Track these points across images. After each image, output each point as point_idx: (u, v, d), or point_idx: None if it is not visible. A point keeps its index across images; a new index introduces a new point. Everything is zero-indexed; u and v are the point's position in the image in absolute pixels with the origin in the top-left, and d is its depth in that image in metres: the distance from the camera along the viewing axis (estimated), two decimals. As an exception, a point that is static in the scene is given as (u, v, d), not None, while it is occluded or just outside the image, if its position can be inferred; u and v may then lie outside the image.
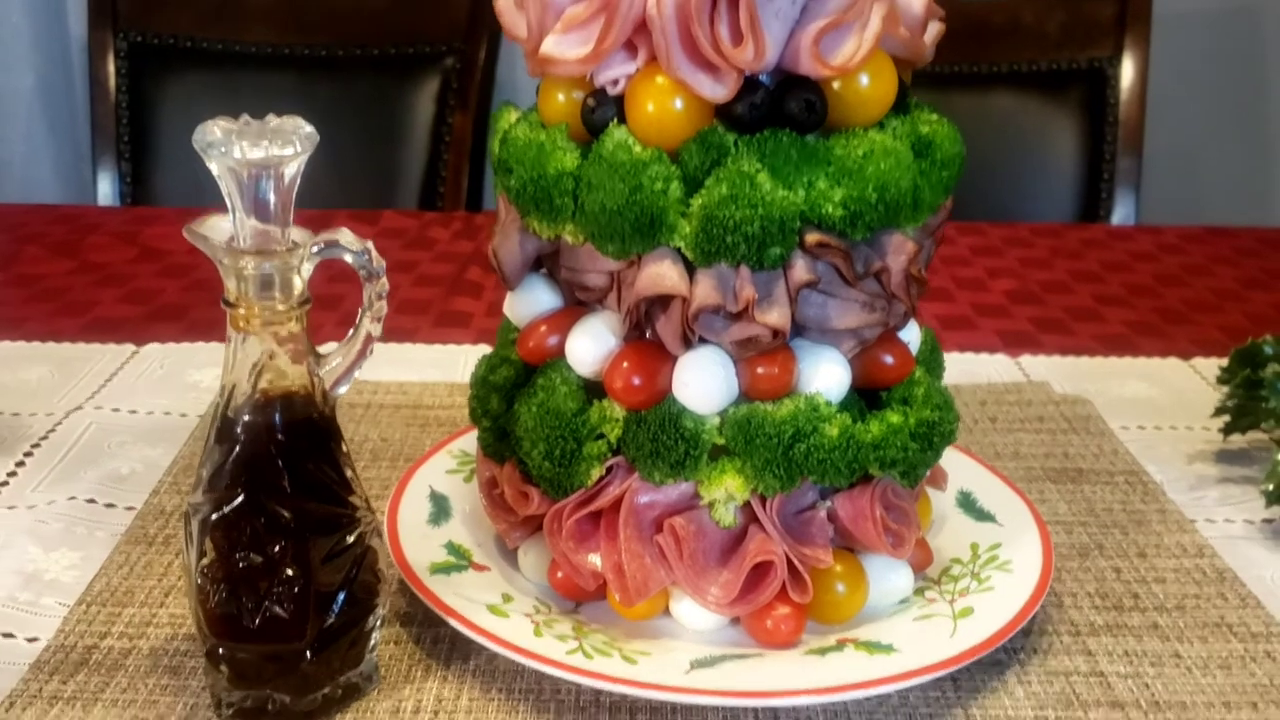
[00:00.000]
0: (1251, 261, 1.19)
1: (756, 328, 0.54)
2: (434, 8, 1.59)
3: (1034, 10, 1.57)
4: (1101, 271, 1.15)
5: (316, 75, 1.59)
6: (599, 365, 0.58)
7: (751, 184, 0.52)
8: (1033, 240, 1.23)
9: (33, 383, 0.87)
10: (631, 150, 0.53)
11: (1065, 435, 0.82)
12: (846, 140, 0.54)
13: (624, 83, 0.55)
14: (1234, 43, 1.85)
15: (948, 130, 0.58)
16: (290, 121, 0.49)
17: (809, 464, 0.55)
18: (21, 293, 1.04)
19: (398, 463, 0.77)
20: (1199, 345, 0.99)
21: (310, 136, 0.49)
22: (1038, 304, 1.07)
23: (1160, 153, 1.66)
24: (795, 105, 0.54)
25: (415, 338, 0.98)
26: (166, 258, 1.13)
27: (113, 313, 1.01)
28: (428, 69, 1.58)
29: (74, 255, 1.12)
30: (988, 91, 1.56)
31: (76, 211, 1.28)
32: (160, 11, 1.59)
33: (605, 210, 0.53)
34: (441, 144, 1.58)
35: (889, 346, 0.58)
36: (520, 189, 0.56)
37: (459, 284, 1.09)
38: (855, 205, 0.53)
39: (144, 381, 0.88)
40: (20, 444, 0.78)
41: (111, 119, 1.57)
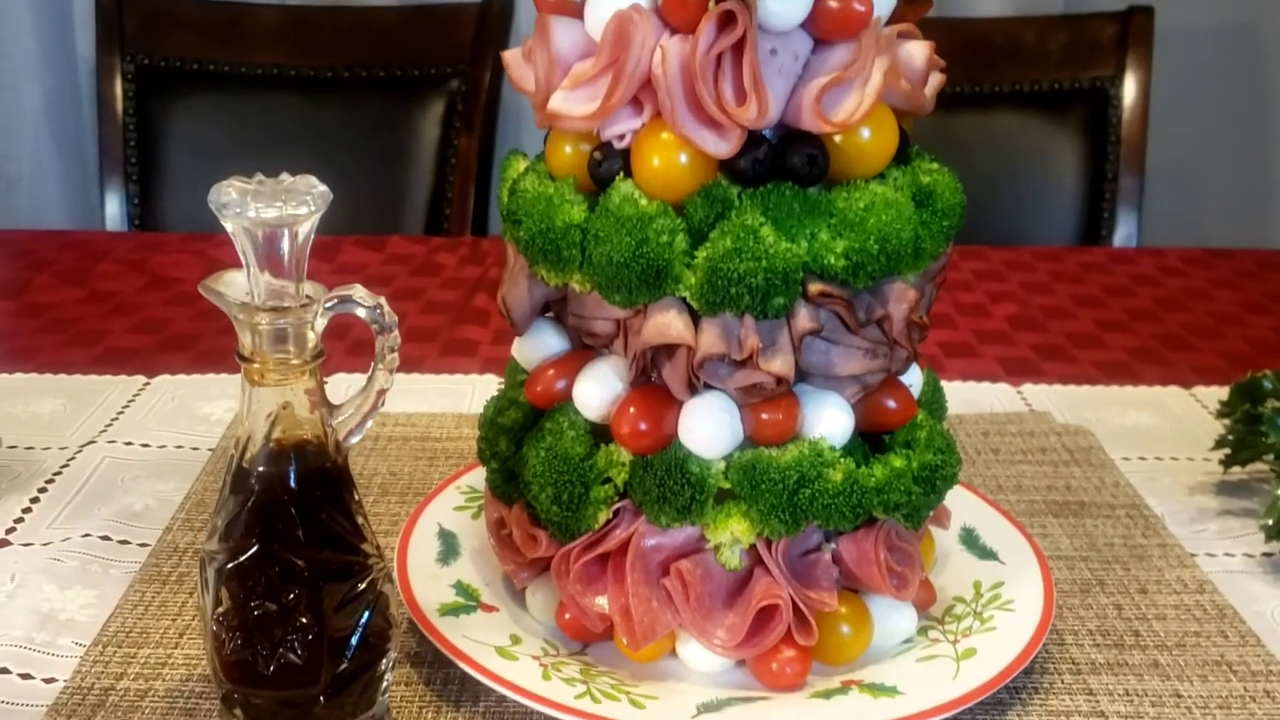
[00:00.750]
0: (1252, 284, 1.20)
1: (761, 375, 0.55)
2: (439, 30, 1.60)
3: (1036, 30, 1.58)
4: (1103, 296, 1.16)
5: (322, 97, 1.60)
6: (606, 410, 0.59)
7: (755, 237, 0.53)
8: (1034, 264, 1.24)
9: (46, 416, 0.88)
10: (637, 203, 0.54)
11: (1067, 467, 0.83)
12: (848, 192, 0.55)
13: (630, 137, 0.56)
14: (1235, 58, 1.86)
15: (948, 180, 0.59)
16: (304, 180, 0.50)
17: (814, 509, 0.56)
18: (33, 323, 1.05)
19: (406, 497, 0.78)
20: (1200, 373, 1.00)
21: (324, 195, 0.50)
22: (1039, 330, 1.08)
23: (1162, 168, 1.67)
24: (798, 159, 0.55)
25: (422, 367, 0.99)
26: (175, 285, 1.14)
27: (123, 343, 1.02)
28: (433, 91, 1.59)
29: (83, 284, 1.13)
30: (990, 111, 1.57)
31: (85, 237, 1.29)
32: (167, 34, 1.60)
33: (612, 262, 0.54)
34: (447, 166, 1.59)
35: (891, 391, 0.59)
36: (529, 240, 0.57)
37: (466, 311, 1.10)
38: (857, 256, 0.54)
39: (155, 414, 0.89)
40: (35, 479, 0.79)
41: (119, 140, 1.58)
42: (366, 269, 1.21)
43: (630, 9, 0.53)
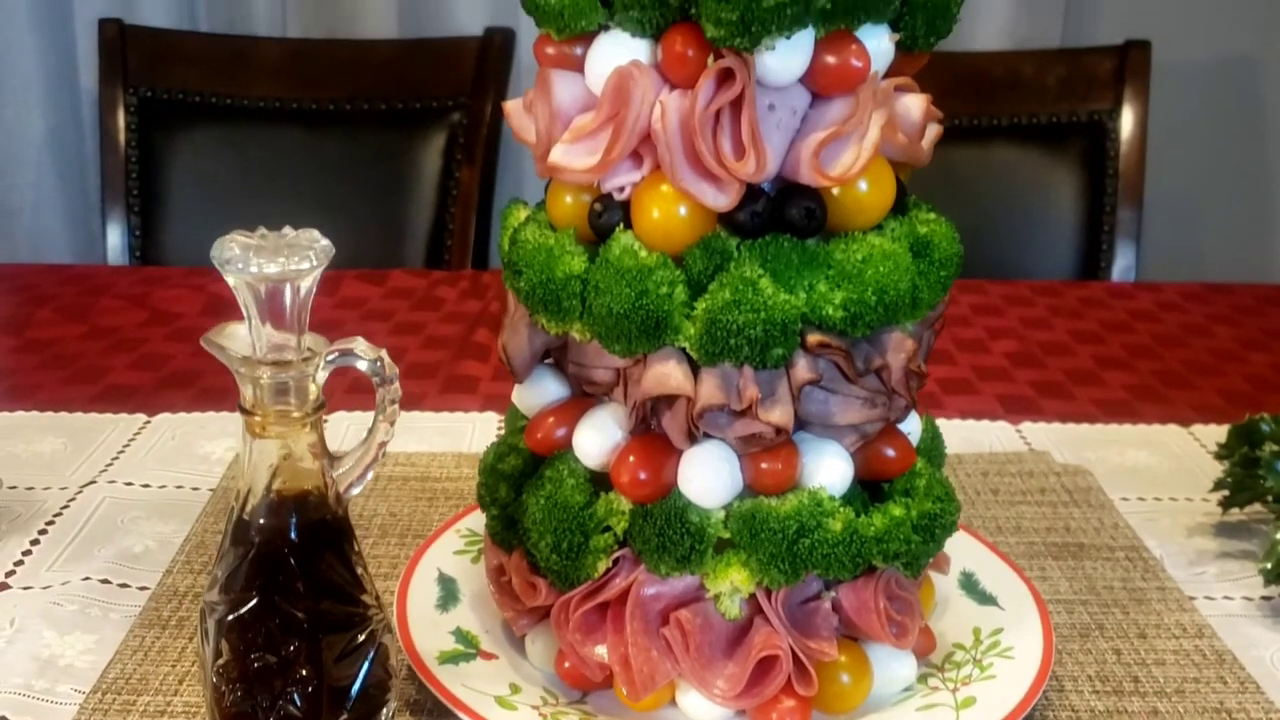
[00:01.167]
0: (1251, 320, 1.20)
1: (760, 425, 0.55)
2: (441, 63, 1.61)
3: (1034, 63, 1.59)
4: (1102, 331, 1.17)
5: (324, 130, 1.61)
6: (606, 458, 0.59)
7: (754, 289, 0.53)
8: (1033, 299, 1.24)
9: (46, 455, 0.88)
10: (637, 255, 0.55)
11: (1066, 508, 0.83)
12: (846, 244, 0.55)
13: (630, 189, 0.56)
14: (1232, 91, 1.86)
15: (945, 230, 0.59)
16: (306, 235, 0.51)
17: (813, 558, 0.56)
18: (34, 359, 1.06)
19: (406, 539, 0.78)
20: (1199, 411, 1.00)
21: (326, 250, 0.50)
22: (1038, 367, 1.08)
23: (1160, 200, 1.68)
24: (796, 212, 0.55)
25: (423, 404, 0.99)
26: (176, 321, 1.15)
27: (124, 380, 1.02)
28: (435, 124, 1.60)
29: (84, 319, 1.14)
30: (988, 144, 1.57)
31: (86, 271, 1.29)
32: (169, 67, 1.61)
33: (612, 313, 0.54)
34: (448, 198, 1.60)
35: (890, 440, 0.60)
36: (529, 291, 0.57)
37: (466, 346, 1.11)
38: (855, 307, 0.55)
39: (156, 453, 0.89)
40: (35, 521, 0.79)
41: (121, 172, 1.59)
42: (367, 303, 1.22)
43: (630, 65, 0.53)
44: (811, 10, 0.51)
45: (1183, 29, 1.79)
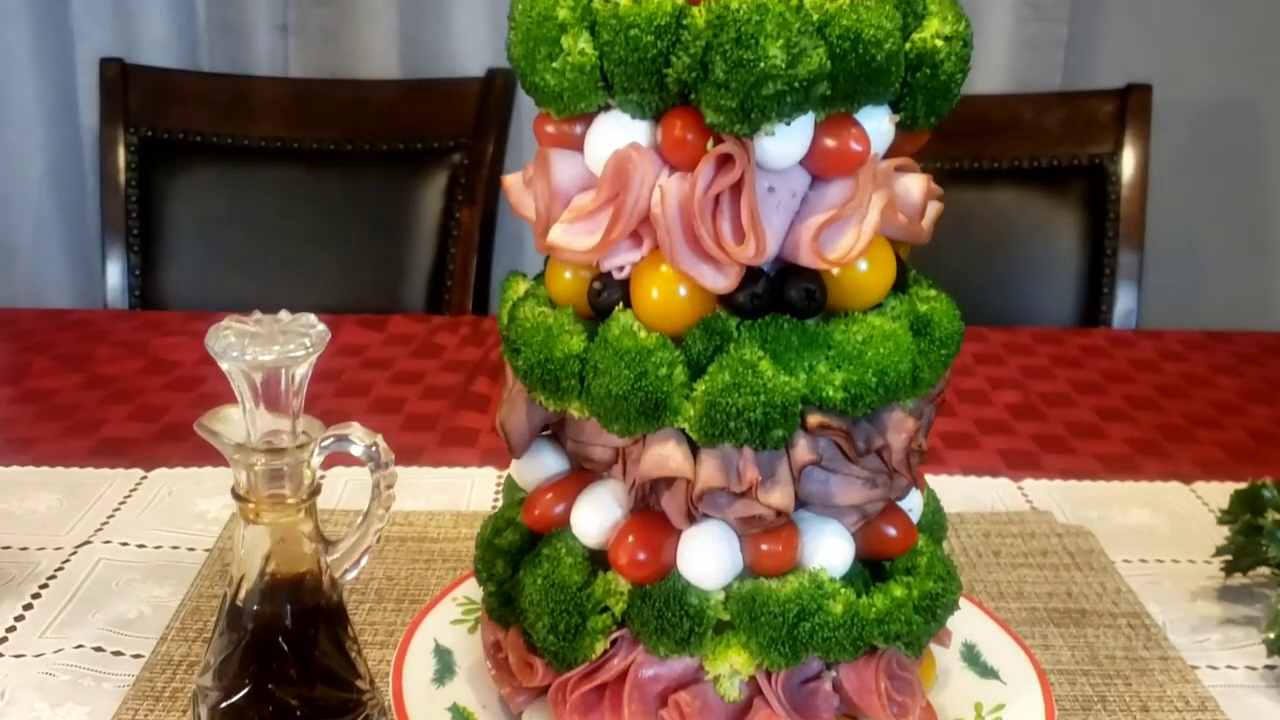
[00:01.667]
0: (1252, 370, 1.20)
1: (760, 508, 0.55)
2: (442, 104, 1.62)
3: (1035, 106, 1.60)
4: (1103, 382, 1.16)
5: (325, 170, 1.61)
6: (604, 537, 0.58)
7: (754, 371, 0.53)
8: (1034, 347, 1.24)
9: (41, 512, 0.88)
10: (636, 336, 0.54)
11: (1068, 571, 0.82)
12: (846, 325, 0.55)
13: (629, 268, 0.56)
14: (1233, 131, 1.87)
15: (945, 307, 0.59)
16: (302, 320, 0.50)
17: (814, 641, 0.56)
18: (30, 410, 1.05)
19: (402, 605, 0.77)
20: (1201, 466, 0.99)
21: (321, 335, 0.50)
22: (1039, 419, 1.08)
23: (1161, 241, 1.68)
24: (795, 294, 0.55)
25: (421, 458, 0.98)
26: (174, 369, 1.14)
27: (121, 432, 1.02)
28: (436, 164, 1.60)
29: (82, 368, 1.13)
30: (989, 187, 1.58)
31: (85, 317, 1.29)
32: (170, 106, 1.61)
33: (611, 395, 0.54)
34: (449, 238, 1.59)
35: (892, 518, 0.59)
36: (528, 370, 0.56)
37: (466, 397, 1.10)
38: (856, 389, 0.54)
39: (152, 511, 0.88)
40: (29, 584, 0.78)
41: (121, 211, 1.59)
42: (367, 350, 1.21)
43: (629, 147, 0.53)
44: (811, 97, 0.50)
45: (1183, 70, 1.79)
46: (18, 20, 1.74)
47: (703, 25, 0.50)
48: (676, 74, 0.51)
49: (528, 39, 0.54)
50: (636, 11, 0.51)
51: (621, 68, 0.52)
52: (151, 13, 1.74)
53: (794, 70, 0.49)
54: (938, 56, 0.54)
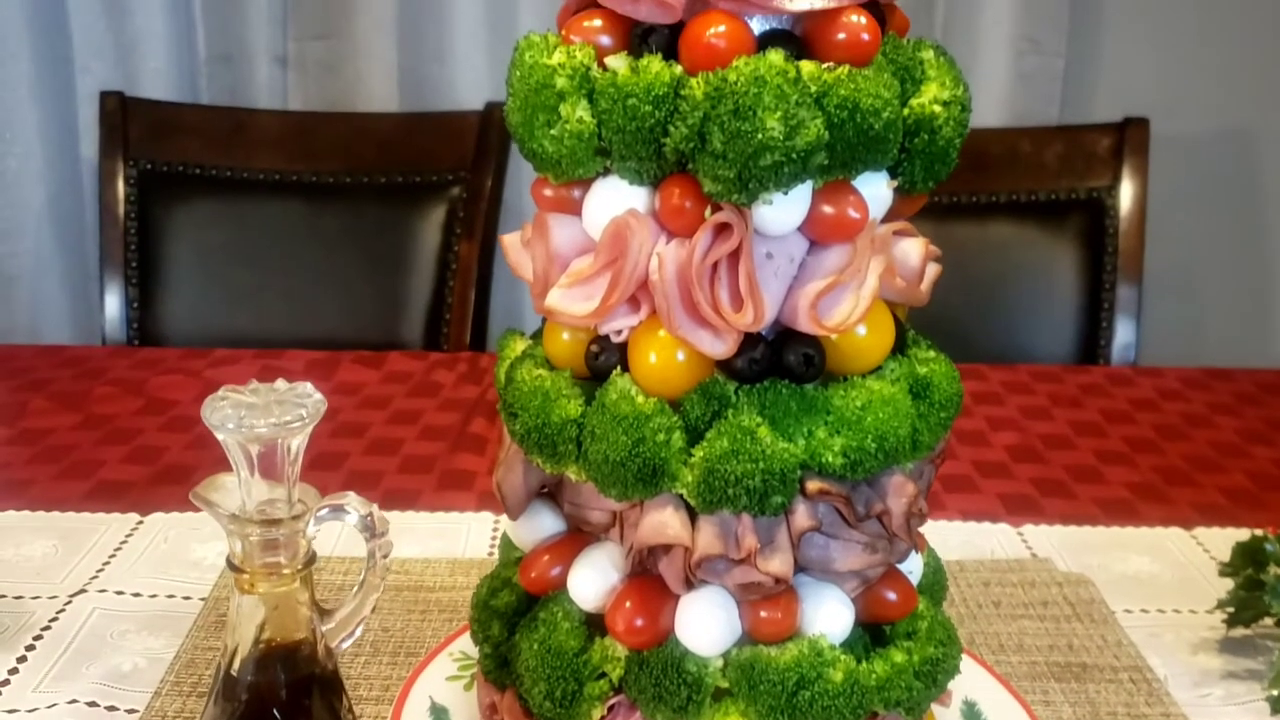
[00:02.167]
0: (1251, 410, 1.20)
1: (759, 575, 0.55)
2: (441, 137, 1.62)
3: (1033, 140, 1.60)
4: (1102, 422, 1.16)
5: (324, 202, 1.61)
6: (601, 601, 0.58)
7: (752, 438, 0.53)
8: (1033, 385, 1.24)
9: (37, 559, 0.87)
10: (634, 400, 0.54)
11: (1069, 623, 0.82)
12: (845, 390, 0.55)
13: (627, 332, 0.56)
14: (1230, 162, 1.87)
15: (945, 369, 0.58)
16: (298, 389, 0.50)
17: (814, 710, 0.55)
18: (27, 451, 1.05)
19: (398, 658, 0.77)
20: (1200, 511, 0.99)
21: (318, 404, 0.50)
22: (1039, 462, 1.08)
23: (1160, 271, 1.68)
24: (794, 359, 0.54)
25: (418, 502, 0.98)
26: (172, 409, 1.14)
27: (118, 475, 1.01)
28: (435, 197, 1.60)
29: (79, 407, 1.13)
30: (987, 220, 1.58)
31: (83, 354, 1.29)
32: (170, 139, 1.61)
33: (608, 460, 0.54)
34: (448, 271, 1.59)
35: (892, 583, 0.59)
36: (525, 434, 0.56)
37: (462, 438, 1.10)
38: (855, 454, 0.54)
39: (148, 558, 0.88)
40: (24, 635, 0.78)
41: (120, 244, 1.59)
42: (364, 388, 1.21)
43: (627, 214, 0.53)
44: (809, 167, 0.50)
45: (1180, 102, 1.80)
46: (20, 53, 1.74)
47: (700, 97, 0.50)
48: (674, 143, 0.51)
49: (526, 106, 0.53)
50: (634, 81, 0.51)
51: (619, 136, 0.52)
52: (152, 46, 1.74)
53: (791, 141, 0.49)
54: (936, 122, 0.54)
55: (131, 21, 1.74)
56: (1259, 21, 1.80)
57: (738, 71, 0.49)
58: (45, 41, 1.76)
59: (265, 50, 1.77)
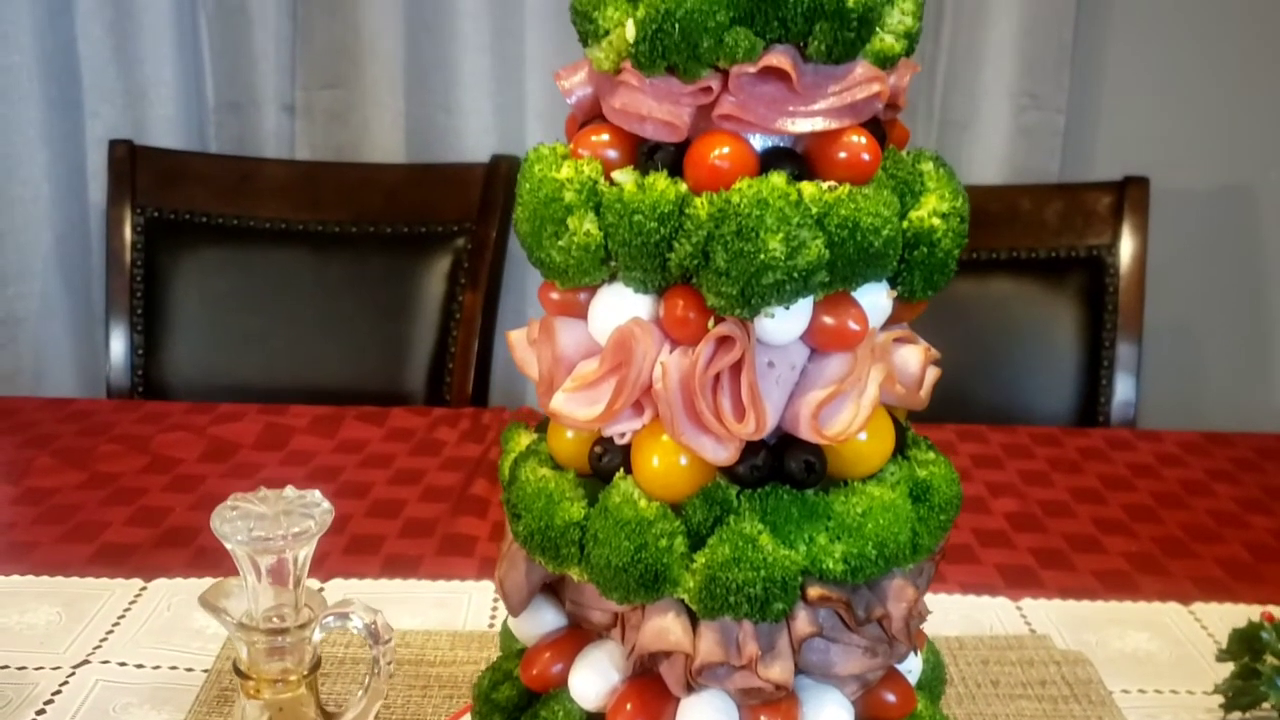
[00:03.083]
0: (1250, 476, 1.20)
1: (760, 681, 0.55)
2: (447, 188, 1.63)
3: (1033, 198, 1.61)
4: (1102, 489, 1.16)
5: (330, 251, 1.63)
6: (602, 701, 0.58)
7: (754, 546, 0.53)
8: (1033, 449, 1.25)
9: (40, 627, 0.88)
10: (637, 505, 0.55)
11: (1067, 703, 0.82)
12: (846, 496, 0.56)
13: (630, 434, 0.56)
14: (1230, 219, 1.88)
15: (944, 471, 0.59)
16: (307, 499, 0.51)
17: (811, 812, 0.56)
18: (32, 511, 1.06)
19: (400, 736, 0.77)
20: (1199, 585, 0.99)
21: (325, 514, 0.51)
22: (1039, 531, 1.08)
23: (1160, 327, 1.69)
24: (795, 465, 0.55)
25: (419, 569, 0.98)
26: (176, 467, 1.15)
27: (122, 537, 1.02)
28: (440, 248, 1.62)
29: (84, 465, 1.14)
30: (988, 277, 1.59)
31: (88, 408, 1.30)
32: (178, 187, 1.63)
33: (610, 565, 0.54)
34: (452, 320, 1.60)
35: (891, 684, 0.59)
36: (528, 536, 0.57)
37: (464, 500, 1.10)
38: (856, 560, 0.55)
39: (150, 627, 0.88)
40: (26, 708, 0.78)
41: (126, 291, 1.60)
42: (367, 446, 1.22)
43: (632, 323, 0.54)
44: (810, 285, 0.51)
45: (1180, 157, 1.81)
46: (30, 98, 1.75)
47: (705, 217, 0.51)
48: (679, 259, 0.52)
49: (534, 217, 0.55)
50: (641, 198, 0.52)
51: (625, 249, 0.53)
52: (161, 93, 1.76)
53: (793, 261, 0.50)
54: (935, 235, 0.55)
55: (141, 68, 1.76)
56: (1260, 77, 1.82)
57: (741, 193, 0.50)
58: (56, 86, 1.77)
59: (273, 98, 1.78)
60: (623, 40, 0.52)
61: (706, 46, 0.50)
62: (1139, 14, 1.81)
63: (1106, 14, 1.81)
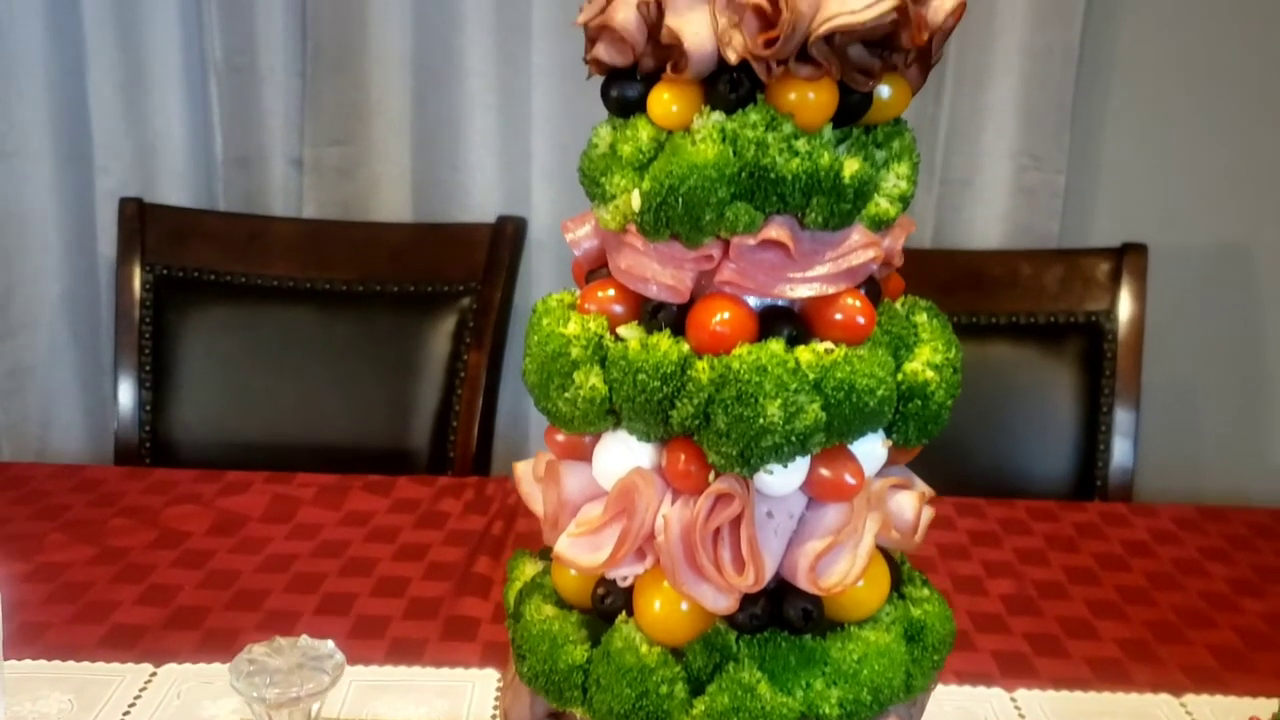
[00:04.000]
0: (1243, 555, 1.22)
1: (755, 818, 0.57)
2: (453, 248, 1.65)
3: (1032, 263, 1.63)
4: (1096, 569, 1.18)
5: (337, 309, 1.65)
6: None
7: (753, 695, 0.55)
8: (1030, 525, 1.26)
9: (53, 716, 0.89)
10: (639, 651, 0.57)
11: (1058, 805, 0.84)
12: (842, 643, 0.57)
13: (633, 578, 0.58)
14: (1228, 277, 1.90)
15: (938, 609, 0.61)
16: (321, 650, 0.52)
17: None
18: (44, 589, 1.07)
19: (405, 838, 0.79)
20: (1190, 675, 1.01)
21: (339, 665, 0.52)
22: (1034, 614, 1.10)
23: (1158, 385, 1.71)
24: (794, 613, 0.57)
25: (423, 655, 1.00)
26: (184, 541, 1.16)
27: (132, 617, 1.03)
28: (445, 307, 1.64)
29: (94, 539, 1.16)
30: (987, 341, 1.60)
31: (98, 476, 1.32)
32: (187, 244, 1.65)
33: (614, 712, 0.56)
34: (456, 379, 1.62)
35: (882, 816, 0.61)
36: (533, 676, 0.59)
37: (468, 579, 1.12)
38: (851, 705, 0.57)
39: (161, 716, 0.90)
40: (38, 805, 0.80)
41: (134, 347, 1.63)
42: (373, 518, 1.24)
43: (634, 474, 0.56)
44: (808, 446, 0.53)
45: (1179, 216, 1.83)
46: (41, 153, 1.78)
47: (706, 381, 0.53)
48: (680, 418, 0.54)
49: (542, 370, 0.56)
50: (644, 357, 0.54)
51: (629, 404, 0.55)
52: (171, 149, 1.78)
53: (791, 425, 0.52)
54: (929, 389, 0.57)
55: (151, 124, 1.78)
56: (1259, 137, 1.84)
57: (741, 359, 0.52)
58: (67, 141, 1.80)
59: (281, 154, 1.81)
60: (629, 206, 0.54)
61: (708, 220, 0.52)
62: (1137, 76, 1.83)
63: (1106, 76, 1.83)
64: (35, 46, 1.74)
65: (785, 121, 0.51)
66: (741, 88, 0.51)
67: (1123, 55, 1.80)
